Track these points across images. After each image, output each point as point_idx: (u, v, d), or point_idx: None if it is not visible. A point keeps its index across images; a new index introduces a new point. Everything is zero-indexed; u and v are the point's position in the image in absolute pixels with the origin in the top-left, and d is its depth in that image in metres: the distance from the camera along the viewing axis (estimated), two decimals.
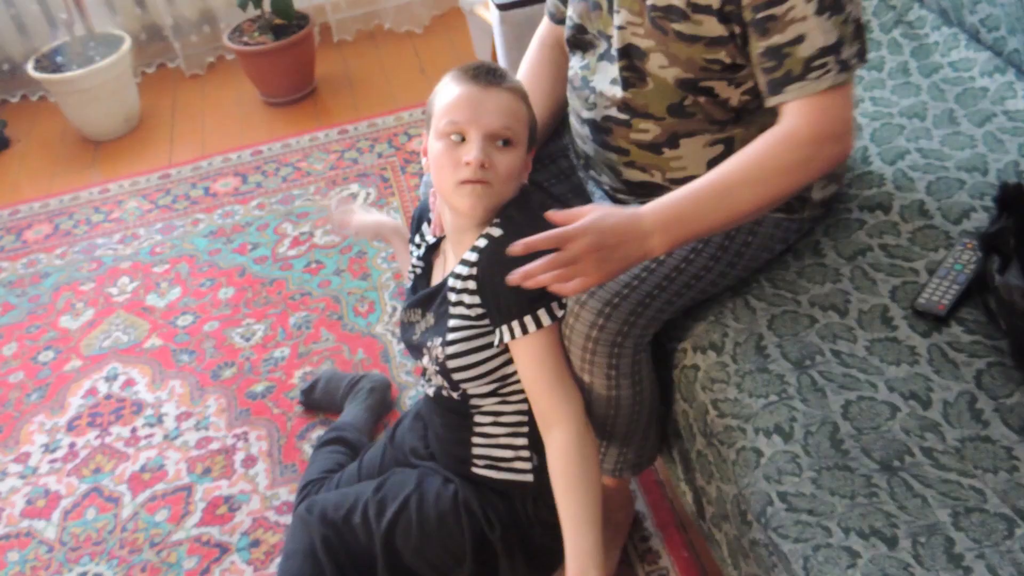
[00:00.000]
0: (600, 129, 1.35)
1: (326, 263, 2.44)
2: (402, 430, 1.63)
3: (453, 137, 1.25)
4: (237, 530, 1.78)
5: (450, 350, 1.32)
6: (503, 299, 1.26)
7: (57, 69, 3.12)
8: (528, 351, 1.28)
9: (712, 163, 1.30)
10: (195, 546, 1.77)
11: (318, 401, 2.00)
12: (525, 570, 1.45)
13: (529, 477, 1.41)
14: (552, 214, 1.13)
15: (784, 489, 1.10)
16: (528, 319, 1.26)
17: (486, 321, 1.31)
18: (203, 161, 3.00)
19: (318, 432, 1.95)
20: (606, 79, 1.32)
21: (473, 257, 1.29)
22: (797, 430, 1.15)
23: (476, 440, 1.42)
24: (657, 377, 1.39)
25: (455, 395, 1.38)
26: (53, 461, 2.01)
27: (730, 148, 1.29)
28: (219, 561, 1.73)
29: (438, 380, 1.38)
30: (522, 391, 1.34)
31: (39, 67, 3.15)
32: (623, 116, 1.31)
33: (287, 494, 1.83)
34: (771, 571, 1.11)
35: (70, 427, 2.08)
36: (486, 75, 1.26)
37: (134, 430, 2.04)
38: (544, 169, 1.54)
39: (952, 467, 1.08)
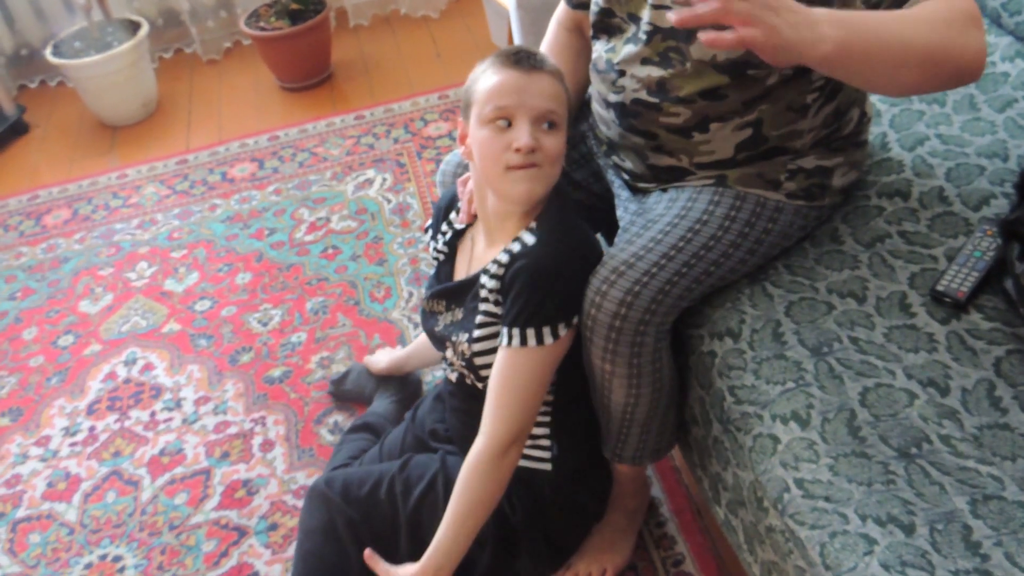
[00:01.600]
0: (628, 113, 1.35)
1: (343, 248, 2.44)
2: (423, 411, 1.64)
3: (500, 123, 1.25)
4: (255, 514, 1.80)
5: (476, 347, 1.33)
6: (512, 305, 1.27)
7: (75, 54, 3.13)
8: (508, 361, 1.29)
9: (740, 147, 1.30)
10: (214, 529, 1.79)
11: (348, 393, 1.99)
12: (545, 553, 1.46)
13: (547, 466, 1.42)
14: None
15: (801, 476, 1.10)
16: (515, 330, 1.26)
17: None
18: (220, 146, 3.01)
19: (335, 417, 1.97)
20: (636, 61, 1.31)
21: (505, 259, 1.29)
22: (814, 417, 1.15)
23: None
24: (675, 364, 1.39)
25: (479, 385, 1.38)
26: (73, 444, 2.03)
27: (758, 130, 1.28)
28: (237, 544, 1.75)
29: (462, 370, 1.38)
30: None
31: (57, 52, 3.16)
32: (653, 99, 1.30)
33: (305, 478, 1.85)
34: (787, 557, 1.11)
35: (90, 411, 2.10)
36: (528, 59, 1.28)
37: (153, 414, 2.06)
38: (564, 154, 1.54)
39: (970, 455, 1.07)
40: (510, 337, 1.27)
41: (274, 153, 2.92)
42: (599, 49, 1.40)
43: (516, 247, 1.29)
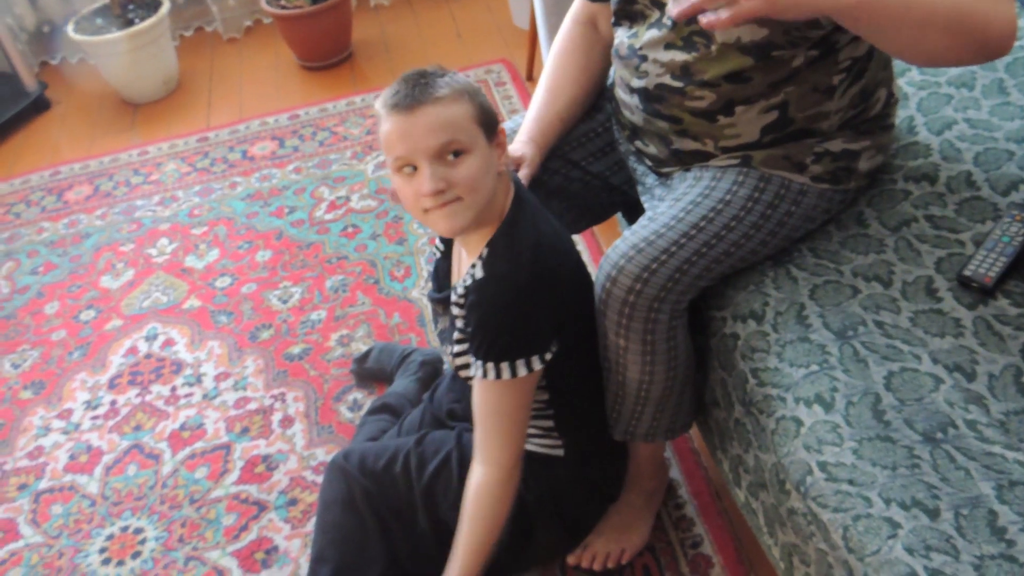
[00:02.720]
0: (652, 97, 1.34)
1: (362, 227, 2.45)
2: (440, 392, 1.64)
3: (406, 170, 1.20)
4: (275, 489, 1.81)
5: (458, 361, 1.34)
6: (472, 339, 1.26)
7: (96, 31, 3.14)
8: (483, 392, 1.29)
9: (766, 129, 1.29)
10: (234, 503, 1.80)
11: (370, 370, 2.00)
12: (559, 534, 1.46)
13: (560, 452, 1.43)
14: None
15: (824, 459, 1.10)
16: (479, 363, 1.26)
17: None
18: (241, 124, 3.02)
19: (355, 395, 1.97)
20: (659, 45, 1.30)
21: (461, 290, 1.28)
22: (838, 400, 1.14)
23: None
24: (695, 345, 1.38)
25: None
26: (95, 418, 2.04)
27: (784, 112, 1.27)
28: (257, 519, 1.76)
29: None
30: (539, 384, 1.35)
31: (79, 29, 3.17)
32: (678, 84, 1.29)
33: (324, 455, 1.86)
34: (809, 540, 1.11)
35: (111, 385, 2.12)
36: (407, 97, 1.18)
37: (174, 389, 2.08)
38: (581, 147, 1.53)
39: (996, 440, 1.07)
40: (476, 368, 1.27)
41: (294, 132, 2.92)
42: (621, 35, 1.39)
43: (469, 279, 1.26)
